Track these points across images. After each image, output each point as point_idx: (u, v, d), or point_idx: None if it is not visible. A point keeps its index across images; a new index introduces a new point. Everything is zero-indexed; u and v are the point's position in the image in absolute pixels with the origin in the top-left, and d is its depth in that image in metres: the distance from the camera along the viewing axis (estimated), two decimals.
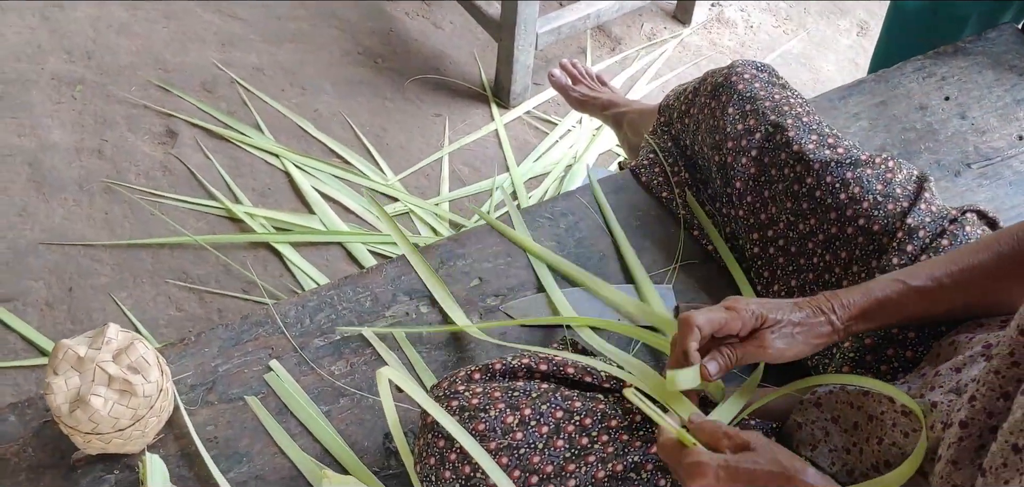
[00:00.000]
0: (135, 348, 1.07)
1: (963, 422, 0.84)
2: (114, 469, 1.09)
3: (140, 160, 2.15)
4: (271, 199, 2.10)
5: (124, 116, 2.25)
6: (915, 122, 1.52)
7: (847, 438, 1.00)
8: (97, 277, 1.92)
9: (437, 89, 2.43)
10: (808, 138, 1.24)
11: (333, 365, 1.19)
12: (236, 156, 2.18)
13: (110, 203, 2.06)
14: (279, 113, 2.30)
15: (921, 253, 1.11)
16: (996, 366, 0.83)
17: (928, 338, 1.06)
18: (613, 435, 0.98)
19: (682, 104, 1.42)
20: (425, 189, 2.18)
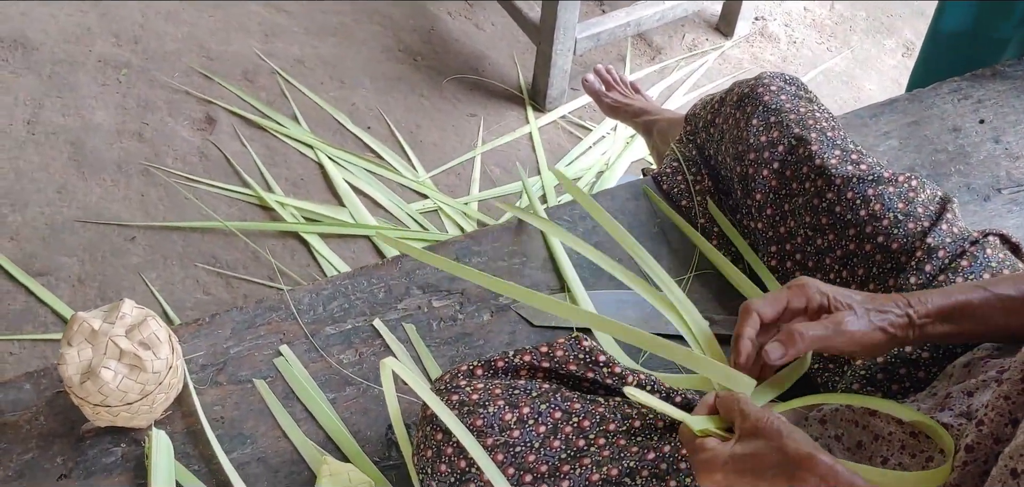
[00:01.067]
0: (148, 325, 1.09)
1: (969, 446, 0.82)
2: (121, 442, 1.10)
3: (178, 145, 2.19)
4: (303, 189, 2.13)
5: (166, 101, 2.29)
6: (947, 144, 1.49)
7: (850, 457, 0.98)
8: (129, 257, 1.95)
9: (474, 89, 2.44)
10: (831, 153, 1.22)
11: (342, 354, 1.20)
12: (272, 145, 2.21)
13: (146, 185, 2.09)
14: (316, 105, 2.33)
15: (940, 273, 1.09)
16: (1006, 392, 0.81)
17: (942, 359, 1.04)
18: (610, 439, 0.97)
19: (708, 113, 1.41)
20: (455, 188, 2.19)
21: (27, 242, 1.95)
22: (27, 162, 2.10)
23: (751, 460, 0.81)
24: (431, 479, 0.98)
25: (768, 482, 0.81)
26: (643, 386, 1.05)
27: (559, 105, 2.41)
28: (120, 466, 1.09)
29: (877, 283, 1.14)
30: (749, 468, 0.82)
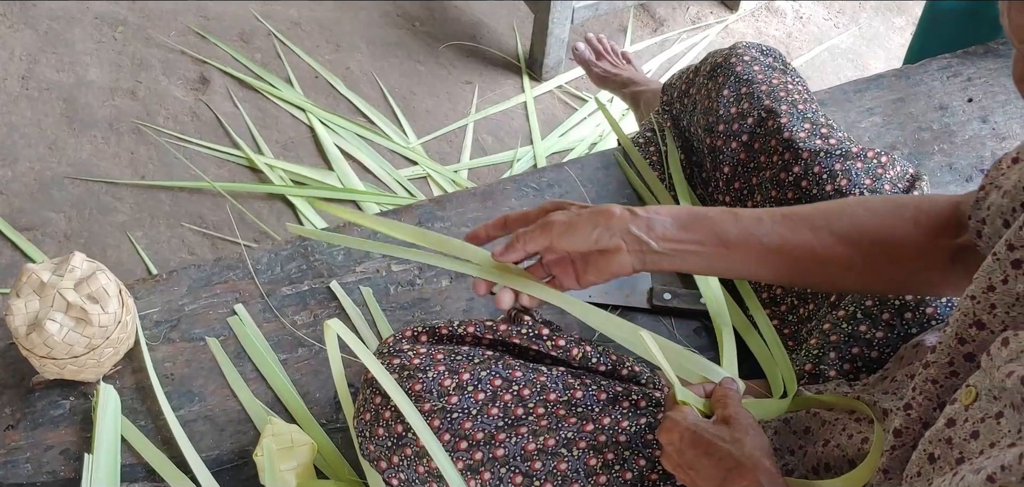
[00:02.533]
0: (97, 278, 1.08)
1: (897, 431, 0.80)
2: (70, 395, 1.10)
3: (171, 104, 2.19)
4: (293, 152, 2.12)
5: (160, 60, 2.29)
6: (932, 122, 1.45)
7: (794, 440, 0.96)
8: (116, 214, 1.96)
9: (471, 57, 2.42)
10: (800, 126, 1.20)
11: (297, 315, 1.19)
12: (264, 107, 2.21)
13: (137, 144, 2.09)
14: (311, 69, 2.31)
15: None
16: (934, 375, 0.79)
17: (896, 340, 1.01)
18: (550, 409, 0.96)
19: (682, 83, 1.39)
20: (446, 155, 2.17)
21: (15, 197, 1.95)
22: (20, 117, 2.10)
23: (707, 443, 0.82)
24: (369, 442, 0.97)
25: (712, 465, 0.81)
26: (588, 359, 1.03)
27: (556, 75, 2.38)
28: (67, 419, 1.09)
29: None
30: (703, 448, 0.82)
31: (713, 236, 0.93)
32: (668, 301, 1.21)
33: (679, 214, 0.94)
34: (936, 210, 0.93)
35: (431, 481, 0.95)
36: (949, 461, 0.71)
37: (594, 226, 0.93)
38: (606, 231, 0.93)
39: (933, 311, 1.00)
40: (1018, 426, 0.63)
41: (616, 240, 0.93)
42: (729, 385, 0.90)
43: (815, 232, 0.93)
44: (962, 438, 0.71)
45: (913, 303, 1.00)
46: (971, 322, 0.77)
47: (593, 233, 0.93)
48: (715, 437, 0.82)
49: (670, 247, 0.93)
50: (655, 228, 0.93)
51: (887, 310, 1.01)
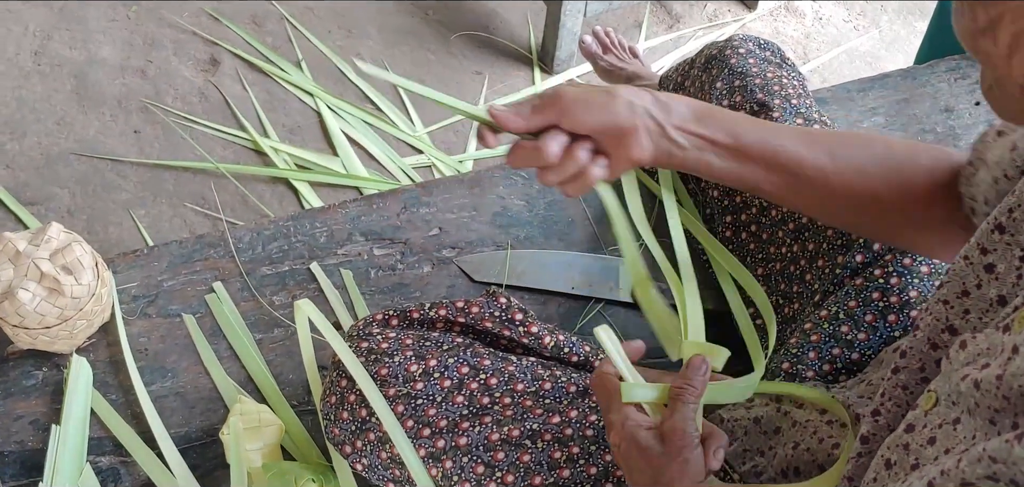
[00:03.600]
0: (72, 250, 1.08)
1: (864, 437, 0.77)
2: (43, 366, 1.10)
3: (180, 84, 2.19)
4: (299, 137, 2.11)
5: (172, 40, 2.29)
6: (936, 124, 1.41)
7: (764, 440, 0.94)
8: (120, 192, 1.96)
9: (482, 47, 2.40)
10: (793, 120, 1.16)
11: (275, 295, 1.18)
12: (272, 91, 2.20)
13: (144, 122, 2.10)
14: (322, 54, 2.31)
15: (888, 253, 1.02)
16: (904, 380, 0.76)
17: (879, 343, 0.98)
18: (516, 399, 0.94)
19: (678, 75, 1.36)
20: (453, 145, 2.15)
21: (22, 171, 1.96)
22: (30, 92, 2.11)
23: (641, 450, 0.76)
24: (334, 426, 0.96)
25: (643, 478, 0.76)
26: (561, 348, 1.01)
27: (567, 68, 2.35)
28: (39, 390, 1.08)
29: (825, 259, 1.08)
30: (637, 455, 0.76)
31: (730, 135, 0.87)
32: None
33: (696, 106, 0.88)
34: (950, 166, 0.88)
35: (394, 467, 0.94)
36: (904, 467, 0.68)
37: (612, 97, 0.84)
38: (626, 106, 0.84)
39: (918, 315, 0.96)
40: (973, 432, 0.60)
41: (634, 118, 0.84)
42: (688, 379, 0.79)
43: (832, 157, 0.88)
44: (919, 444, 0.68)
45: (897, 305, 0.97)
46: (943, 327, 0.74)
47: (612, 105, 0.84)
48: (646, 451, 0.75)
49: (686, 138, 0.86)
50: (673, 114, 0.86)
51: (870, 312, 0.98)
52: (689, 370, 0.80)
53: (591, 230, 1.27)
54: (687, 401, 0.77)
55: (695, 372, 0.80)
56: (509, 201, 1.29)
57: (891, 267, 1.00)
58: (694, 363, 0.80)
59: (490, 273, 1.21)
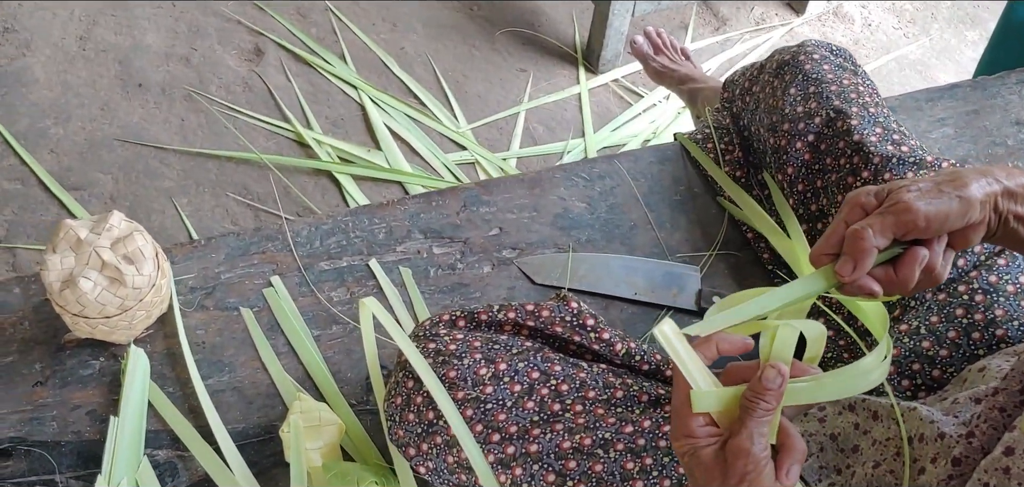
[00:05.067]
0: (134, 239, 1.06)
1: (956, 459, 0.74)
2: (100, 356, 1.08)
3: (224, 73, 2.18)
4: (342, 129, 2.09)
5: (217, 28, 2.28)
6: (1007, 137, 1.38)
7: (842, 459, 0.91)
8: (163, 180, 1.95)
9: (526, 44, 2.38)
10: (872, 130, 1.13)
11: (333, 291, 1.16)
12: (316, 82, 2.19)
13: (188, 111, 2.08)
14: (366, 46, 2.29)
15: (973, 269, 0.99)
16: (1002, 402, 0.73)
17: (961, 361, 0.95)
18: (588, 407, 0.92)
19: (746, 81, 1.33)
20: (496, 142, 2.13)
21: (65, 155, 1.95)
22: (75, 77, 2.11)
23: (702, 474, 0.69)
24: (399, 427, 0.94)
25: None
26: (632, 356, 0.99)
27: (612, 68, 2.33)
28: (96, 379, 1.07)
29: None
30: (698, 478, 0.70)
31: None
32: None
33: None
34: None
35: (460, 472, 0.92)
36: None
37: (967, 202, 0.73)
38: (979, 206, 0.73)
39: (1003, 333, 0.93)
40: None
41: (984, 214, 0.74)
42: (760, 391, 0.69)
43: None
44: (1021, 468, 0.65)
45: (982, 323, 0.94)
46: None
47: (969, 211, 0.73)
48: (708, 472, 0.69)
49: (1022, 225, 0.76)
50: (1018, 201, 0.76)
51: (953, 328, 0.95)
52: (763, 379, 0.69)
53: (653, 235, 1.24)
54: (755, 415, 0.68)
55: (769, 382, 0.69)
56: (570, 203, 1.27)
57: (976, 284, 0.97)
58: (769, 373, 0.69)
59: (551, 276, 1.19)
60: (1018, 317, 0.94)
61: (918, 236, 0.73)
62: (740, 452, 0.67)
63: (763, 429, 0.68)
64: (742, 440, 0.67)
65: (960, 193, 0.73)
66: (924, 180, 0.75)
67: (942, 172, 0.77)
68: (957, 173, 0.76)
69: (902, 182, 0.75)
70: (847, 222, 0.75)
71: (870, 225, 0.72)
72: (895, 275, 0.74)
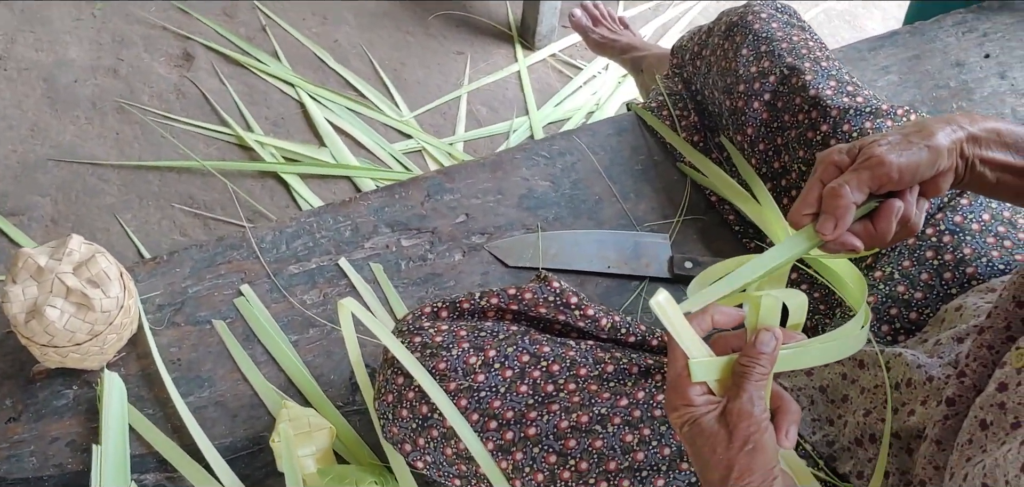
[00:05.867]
0: (96, 261, 1.03)
1: (950, 399, 0.76)
2: (72, 384, 1.05)
3: (155, 82, 2.12)
4: (283, 129, 2.06)
5: (142, 36, 2.21)
6: (949, 79, 1.42)
7: (833, 410, 0.93)
8: (103, 196, 1.89)
9: (461, 26, 2.37)
10: (826, 84, 1.16)
11: (306, 294, 1.14)
12: (251, 83, 2.14)
13: (121, 123, 2.03)
14: (298, 42, 2.25)
15: (938, 212, 1.02)
16: (989, 340, 0.76)
17: (936, 300, 0.98)
18: (581, 384, 0.92)
19: (695, 45, 1.34)
20: (441, 128, 2.12)
21: None
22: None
23: (702, 445, 0.70)
24: (392, 425, 0.93)
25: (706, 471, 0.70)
26: (618, 329, 0.99)
27: (549, 43, 2.33)
28: (71, 409, 1.04)
29: None
30: (701, 447, 0.70)
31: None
32: (690, 270, 1.18)
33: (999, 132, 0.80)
34: None
35: (459, 463, 0.92)
36: (1003, 426, 0.68)
37: (935, 150, 0.75)
38: (947, 153, 0.76)
39: (974, 271, 0.96)
40: None
41: (952, 161, 0.77)
42: (755, 355, 0.70)
43: None
44: (1016, 402, 0.68)
45: (952, 263, 0.97)
46: None
47: (937, 159, 0.76)
48: (710, 440, 0.69)
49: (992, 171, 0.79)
50: (982, 146, 0.79)
51: (925, 270, 0.98)
52: (757, 343, 0.71)
53: (619, 207, 1.25)
54: (752, 379, 0.69)
55: (763, 346, 0.71)
56: (533, 182, 1.27)
57: (942, 225, 1.00)
58: (763, 337, 0.71)
59: (523, 257, 1.19)
60: (985, 254, 0.97)
61: (892, 188, 0.76)
62: (742, 415, 0.68)
63: (761, 392, 0.70)
64: (743, 403, 0.69)
65: (928, 143, 0.75)
66: (892, 134, 0.77)
67: (908, 124, 0.80)
68: (923, 123, 0.78)
69: (872, 138, 0.78)
70: (822, 181, 0.77)
71: (847, 182, 0.74)
72: (873, 229, 0.77)
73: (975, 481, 0.65)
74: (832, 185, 0.75)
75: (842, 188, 0.74)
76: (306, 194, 1.91)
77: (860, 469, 0.87)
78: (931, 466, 0.76)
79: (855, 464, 0.87)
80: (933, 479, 0.76)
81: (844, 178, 0.75)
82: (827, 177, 0.77)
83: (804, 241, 0.77)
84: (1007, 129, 0.80)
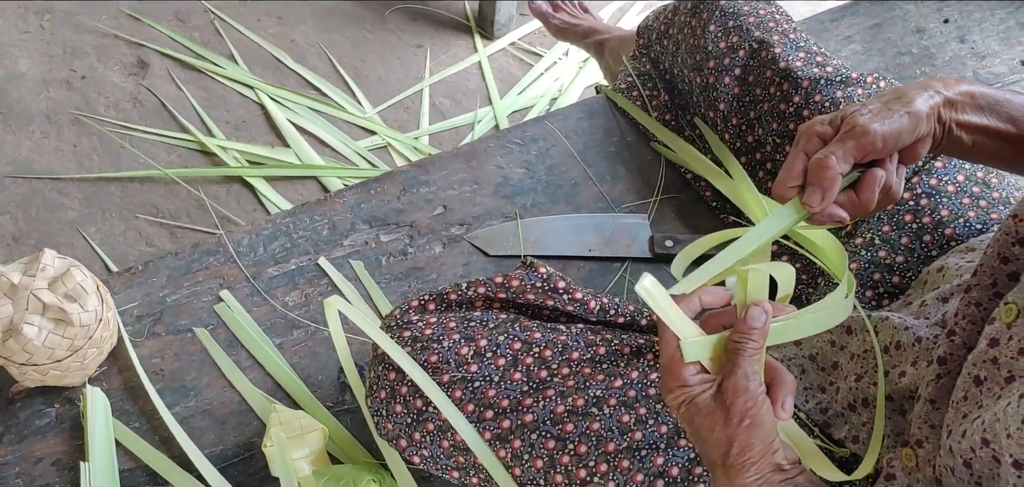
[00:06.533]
0: (72, 275, 1.01)
1: (941, 358, 0.78)
2: (54, 403, 1.03)
3: (110, 92, 2.08)
4: (245, 132, 2.03)
5: (94, 46, 2.17)
6: (911, 46, 1.44)
7: (824, 377, 0.94)
8: (65, 211, 1.86)
9: (418, 19, 2.35)
10: (795, 55, 1.17)
11: (287, 296, 1.13)
12: (209, 88, 2.11)
13: (79, 135, 1.99)
14: (254, 44, 2.22)
15: (914, 176, 1.04)
16: (976, 298, 0.77)
17: (917, 263, 1.00)
18: (574, 368, 0.92)
19: (661, 24, 1.35)
20: (404, 122, 2.10)
21: None
22: None
23: (700, 424, 0.70)
24: (387, 421, 0.92)
25: (705, 450, 0.71)
26: (606, 311, 0.99)
27: (508, 31, 2.32)
28: (54, 427, 1.02)
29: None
30: (697, 426, 0.71)
31: (1008, 121, 0.81)
32: (671, 248, 1.18)
33: (973, 94, 0.81)
34: None
35: (457, 454, 0.91)
36: (997, 381, 0.69)
37: (914, 117, 0.76)
38: (925, 119, 0.77)
39: (952, 232, 0.98)
40: None
41: (930, 126, 0.78)
42: (746, 331, 0.71)
43: None
44: (1009, 356, 0.69)
45: (931, 226, 0.99)
46: (1014, 240, 0.75)
47: (917, 126, 0.76)
48: (707, 420, 0.70)
49: (969, 135, 0.81)
50: (958, 109, 0.80)
51: (905, 234, 0.99)
52: (747, 318, 0.71)
53: (596, 190, 1.26)
54: (745, 354, 0.70)
55: (754, 321, 0.71)
56: (509, 170, 1.27)
57: (919, 189, 1.01)
58: (753, 312, 0.72)
59: (504, 246, 1.19)
60: (962, 214, 0.99)
61: (875, 156, 0.76)
62: (738, 391, 0.69)
63: (755, 367, 0.70)
64: (738, 380, 0.69)
65: (908, 109, 0.77)
66: (873, 102, 0.78)
67: (886, 91, 0.81)
68: (900, 90, 0.79)
69: (852, 107, 0.78)
70: (806, 153, 0.78)
71: (833, 152, 0.75)
72: (857, 199, 0.77)
73: (974, 436, 0.66)
74: (818, 156, 0.75)
75: (829, 159, 0.74)
76: (273, 197, 1.89)
77: (855, 434, 0.88)
78: (926, 425, 0.77)
79: (850, 429, 0.88)
80: (929, 438, 0.77)
81: (829, 149, 0.75)
82: (810, 149, 0.78)
83: (791, 214, 0.78)
84: (980, 92, 0.82)
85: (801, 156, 0.78)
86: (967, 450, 0.67)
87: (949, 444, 0.70)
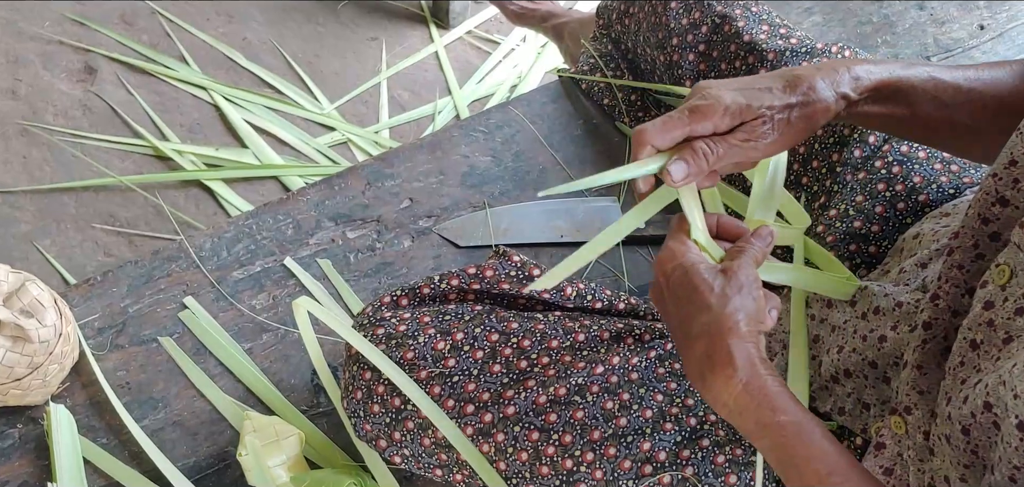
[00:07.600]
0: (27, 290, 0.98)
1: (927, 323, 0.77)
2: (16, 423, 1.00)
3: (58, 99, 2.02)
4: (200, 134, 1.99)
5: (38, 53, 2.11)
6: (871, 14, 1.44)
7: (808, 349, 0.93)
8: (17, 225, 1.80)
9: (372, 11, 2.32)
10: (759, 28, 1.16)
11: (254, 299, 1.10)
12: (161, 91, 2.06)
13: (28, 146, 1.93)
14: (205, 44, 2.17)
15: (885, 144, 1.03)
16: (959, 260, 0.76)
17: (892, 232, 0.99)
18: (554, 357, 0.91)
19: (621, 4, 1.33)
20: (363, 117, 2.07)
21: None
22: None
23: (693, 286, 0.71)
24: (365, 422, 0.90)
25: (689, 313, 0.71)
26: (583, 296, 0.98)
27: (463, 20, 2.30)
28: (19, 449, 0.98)
29: (820, 160, 1.09)
30: (688, 289, 0.71)
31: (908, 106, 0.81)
32: (643, 229, 1.17)
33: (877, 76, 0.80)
34: None
35: (439, 452, 0.89)
36: (995, 343, 0.69)
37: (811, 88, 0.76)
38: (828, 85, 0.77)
39: (926, 198, 0.98)
40: None
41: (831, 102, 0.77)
42: (756, 240, 0.76)
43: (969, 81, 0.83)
44: (1005, 318, 0.68)
45: (904, 193, 0.98)
46: (994, 200, 0.75)
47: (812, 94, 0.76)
48: (703, 283, 0.70)
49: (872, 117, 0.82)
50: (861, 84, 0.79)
51: (879, 203, 0.99)
52: (754, 235, 0.77)
53: (564, 174, 1.24)
54: (750, 252, 0.74)
55: (760, 238, 0.76)
56: (474, 159, 1.25)
57: (891, 157, 1.01)
58: (761, 231, 0.77)
59: (474, 236, 1.17)
60: (934, 180, 0.98)
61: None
62: (740, 267, 0.72)
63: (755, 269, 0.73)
64: (742, 262, 0.72)
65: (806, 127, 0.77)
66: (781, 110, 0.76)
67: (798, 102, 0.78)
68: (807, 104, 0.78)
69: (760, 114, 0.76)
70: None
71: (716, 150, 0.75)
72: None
73: (977, 401, 0.65)
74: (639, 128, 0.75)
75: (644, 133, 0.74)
76: (233, 199, 1.85)
77: (841, 406, 0.87)
78: (915, 392, 0.76)
79: (835, 401, 0.88)
80: (918, 404, 0.76)
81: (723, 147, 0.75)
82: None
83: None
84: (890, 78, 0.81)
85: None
86: (967, 416, 0.67)
87: (947, 411, 0.70)
